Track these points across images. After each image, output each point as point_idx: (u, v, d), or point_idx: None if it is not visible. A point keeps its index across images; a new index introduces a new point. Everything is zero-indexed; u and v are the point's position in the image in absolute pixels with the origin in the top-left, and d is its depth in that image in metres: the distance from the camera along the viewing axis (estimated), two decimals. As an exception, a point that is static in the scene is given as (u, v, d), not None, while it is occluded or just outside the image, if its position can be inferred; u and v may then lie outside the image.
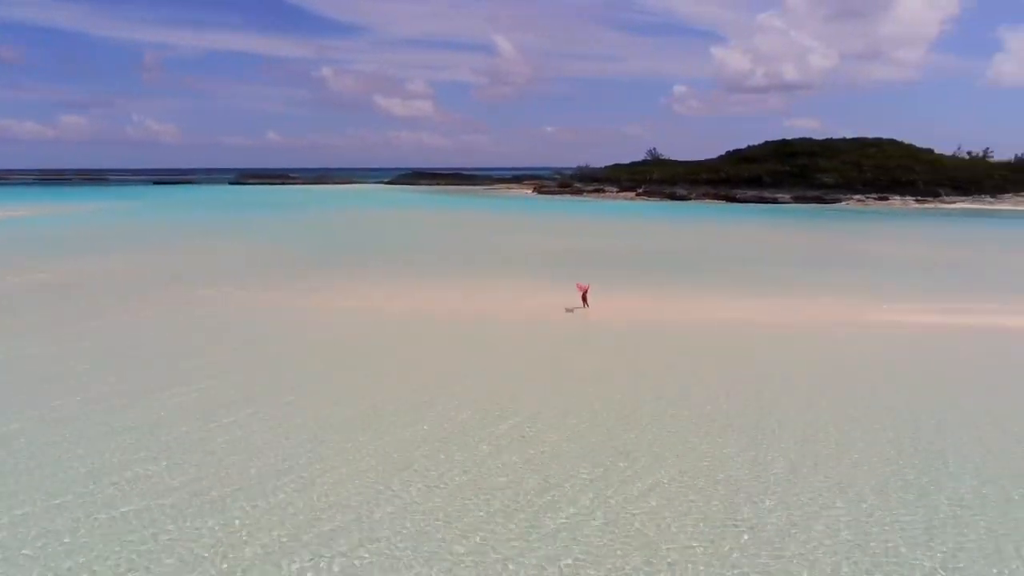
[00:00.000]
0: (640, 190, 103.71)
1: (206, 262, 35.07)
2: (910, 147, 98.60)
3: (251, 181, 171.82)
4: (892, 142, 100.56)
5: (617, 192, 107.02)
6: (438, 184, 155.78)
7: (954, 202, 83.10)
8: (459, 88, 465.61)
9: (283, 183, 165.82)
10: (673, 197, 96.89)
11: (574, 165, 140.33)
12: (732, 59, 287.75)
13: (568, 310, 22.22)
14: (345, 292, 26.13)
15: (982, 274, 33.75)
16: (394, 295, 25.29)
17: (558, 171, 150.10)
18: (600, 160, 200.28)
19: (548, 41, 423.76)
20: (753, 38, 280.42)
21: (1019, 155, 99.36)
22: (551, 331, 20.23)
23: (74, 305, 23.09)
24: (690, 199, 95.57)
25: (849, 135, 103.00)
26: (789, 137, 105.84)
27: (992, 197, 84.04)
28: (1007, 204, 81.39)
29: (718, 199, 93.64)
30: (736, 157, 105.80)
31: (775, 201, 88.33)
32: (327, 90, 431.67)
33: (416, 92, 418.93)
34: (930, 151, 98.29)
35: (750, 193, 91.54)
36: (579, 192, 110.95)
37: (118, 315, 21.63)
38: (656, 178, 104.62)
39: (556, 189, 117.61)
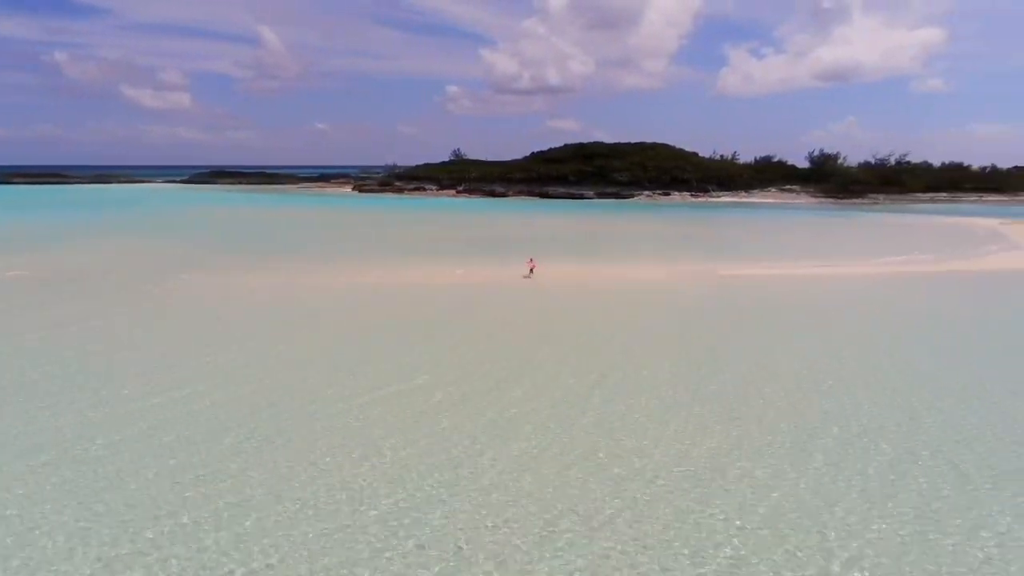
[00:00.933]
0: (460, 188, 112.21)
1: (154, 257, 36.99)
2: (681, 151, 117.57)
3: (17, 180, 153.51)
4: (665, 146, 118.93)
5: (438, 190, 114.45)
6: (241, 183, 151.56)
7: (720, 196, 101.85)
8: (220, 81, 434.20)
9: (60, 182, 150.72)
10: (493, 194, 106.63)
11: (354, 164, 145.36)
12: (500, 62, 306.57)
13: (524, 277, 29.56)
14: (348, 271, 31.24)
15: (773, 243, 46.38)
16: (386, 272, 31.04)
17: (342, 170, 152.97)
18: (375, 159, 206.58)
19: (317, 35, 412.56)
20: (519, 43, 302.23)
21: (758, 158, 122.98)
22: (520, 289, 27.52)
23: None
24: (508, 196, 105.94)
25: (605, 136, 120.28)
26: (548, 135, 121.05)
27: (746, 192, 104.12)
28: (756, 197, 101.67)
29: (533, 195, 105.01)
30: (541, 158, 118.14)
31: (582, 197, 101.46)
32: (62, 77, 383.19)
33: (170, 83, 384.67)
34: (695, 154, 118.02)
35: (560, 190, 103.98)
36: (400, 191, 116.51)
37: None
38: (475, 176, 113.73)
39: (377, 188, 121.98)
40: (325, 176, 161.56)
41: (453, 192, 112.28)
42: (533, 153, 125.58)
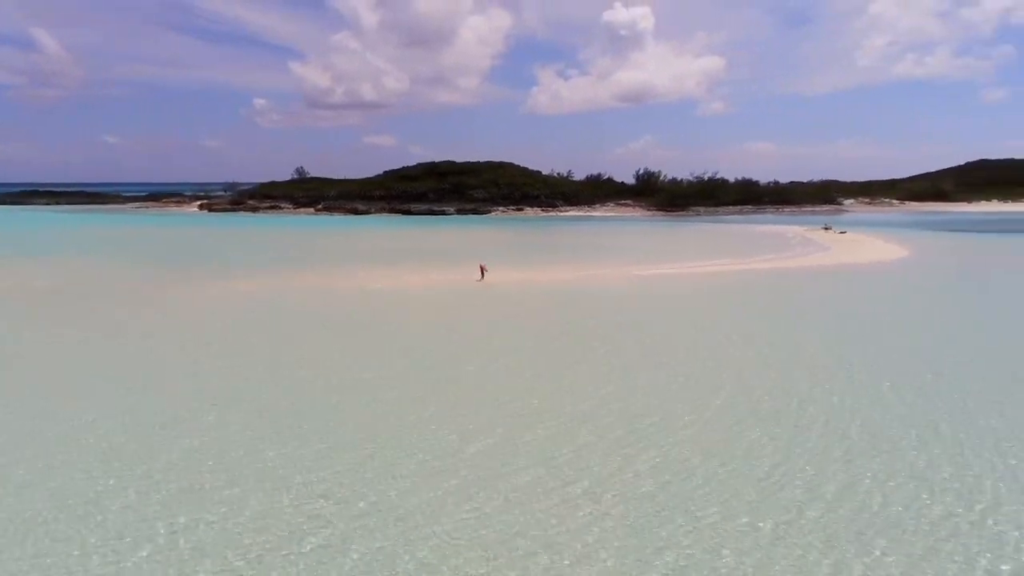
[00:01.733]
0: (320, 206, 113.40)
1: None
2: (526, 169, 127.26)
3: None
4: (512, 165, 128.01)
5: (295, 208, 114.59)
6: (62, 203, 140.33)
7: (567, 210, 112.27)
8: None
9: None
10: (356, 212, 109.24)
11: (152, 181, 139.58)
12: (311, 75, 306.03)
13: (477, 280, 35.10)
14: (336, 277, 34.75)
15: (653, 248, 55.11)
16: (364, 279, 35.03)
17: (141, 188, 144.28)
18: (175, 176, 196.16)
19: (102, 40, 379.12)
20: (330, 56, 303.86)
21: (591, 175, 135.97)
22: (474, 289, 33.12)
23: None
24: (371, 213, 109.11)
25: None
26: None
27: (588, 206, 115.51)
28: (599, 211, 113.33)
29: (395, 212, 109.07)
30: (396, 176, 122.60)
31: (443, 213, 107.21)
32: None
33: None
34: (539, 172, 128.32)
35: (422, 207, 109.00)
36: (255, 209, 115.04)
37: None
38: (334, 195, 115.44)
39: (228, 206, 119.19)
40: (155, 195, 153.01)
41: (312, 211, 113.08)
42: (386, 172, 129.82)
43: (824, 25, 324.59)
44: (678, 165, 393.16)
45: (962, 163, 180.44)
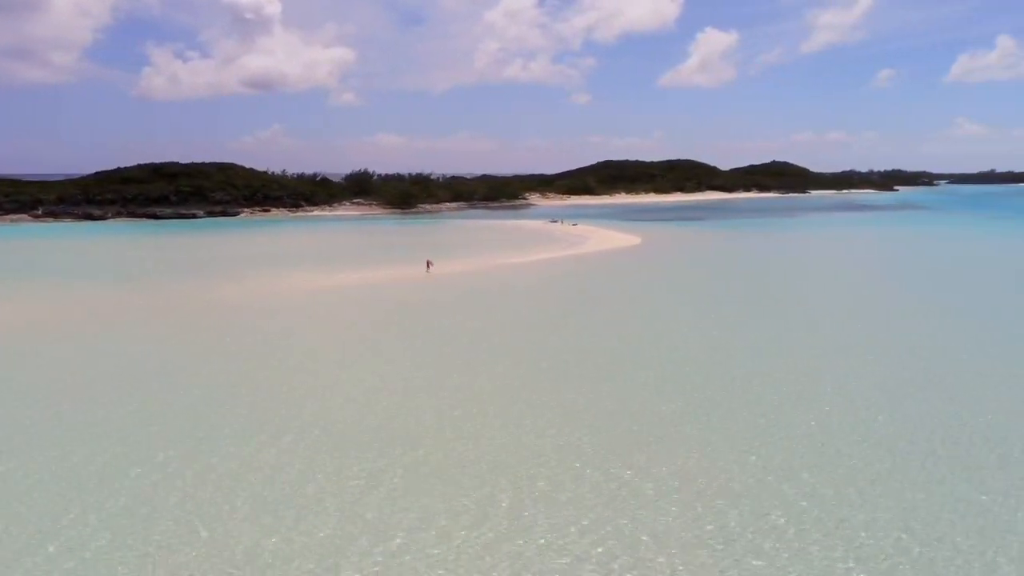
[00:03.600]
0: (39, 212, 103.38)
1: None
2: (254, 170, 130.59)
3: None
4: (237, 166, 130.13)
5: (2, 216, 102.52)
6: None
7: (312, 211, 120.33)
8: None
9: None
10: (91, 217, 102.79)
11: None
12: None
13: (426, 273, 47.74)
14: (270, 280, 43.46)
15: (467, 244, 70.39)
16: (312, 279, 44.63)
17: None
18: None
19: None
20: None
21: (301, 174, 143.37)
22: (425, 282, 46.24)
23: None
24: (108, 218, 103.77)
25: None
26: None
27: (329, 206, 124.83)
28: (344, 210, 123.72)
29: (137, 217, 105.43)
30: (117, 178, 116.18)
31: (193, 216, 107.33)
32: None
33: None
34: (267, 171, 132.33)
35: (168, 211, 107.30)
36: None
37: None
38: (54, 199, 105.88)
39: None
40: None
41: (27, 216, 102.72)
42: (98, 173, 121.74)
43: (440, 27, 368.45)
44: (309, 155, 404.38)
45: (593, 163, 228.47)
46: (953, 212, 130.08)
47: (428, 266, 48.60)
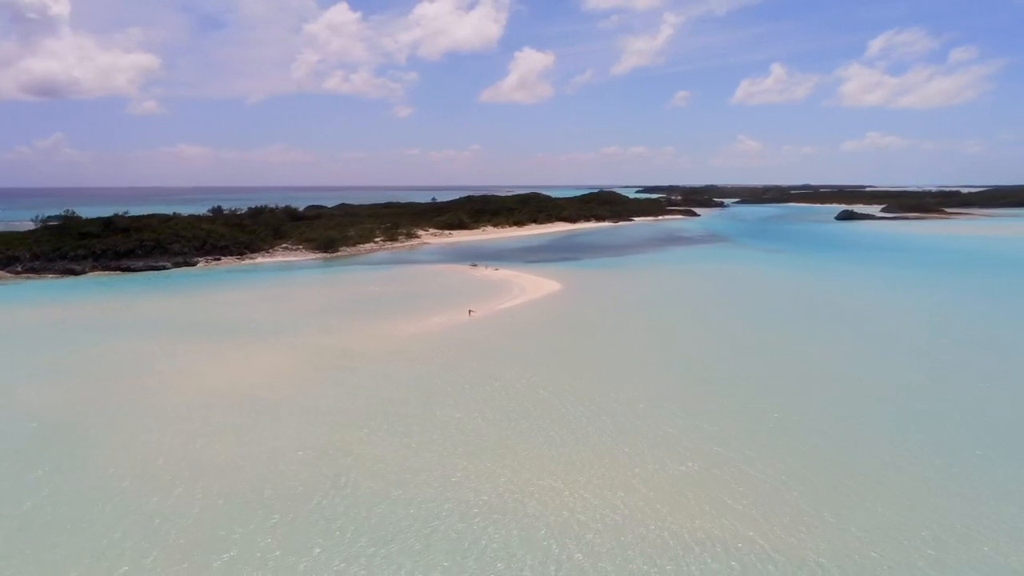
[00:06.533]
0: (19, 268, 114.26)
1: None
2: (179, 215, 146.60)
3: None
4: (162, 215, 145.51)
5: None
6: None
7: (256, 257, 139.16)
8: None
9: None
10: (72, 272, 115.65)
11: None
12: None
13: (470, 313, 75.61)
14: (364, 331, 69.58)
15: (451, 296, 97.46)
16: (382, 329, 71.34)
17: None
18: None
19: None
20: None
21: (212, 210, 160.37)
22: (476, 323, 74.65)
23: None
24: (86, 272, 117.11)
25: None
26: None
27: (268, 252, 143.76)
28: (279, 256, 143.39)
29: (112, 270, 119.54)
30: (74, 234, 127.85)
31: (164, 268, 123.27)
32: None
33: None
34: (178, 214, 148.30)
35: (139, 263, 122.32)
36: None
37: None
38: (29, 256, 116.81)
39: None
40: None
41: (7, 273, 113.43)
42: (46, 224, 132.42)
43: (244, 32, 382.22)
44: (96, 167, 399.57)
45: (459, 198, 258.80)
46: (744, 245, 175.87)
47: (469, 312, 76.33)
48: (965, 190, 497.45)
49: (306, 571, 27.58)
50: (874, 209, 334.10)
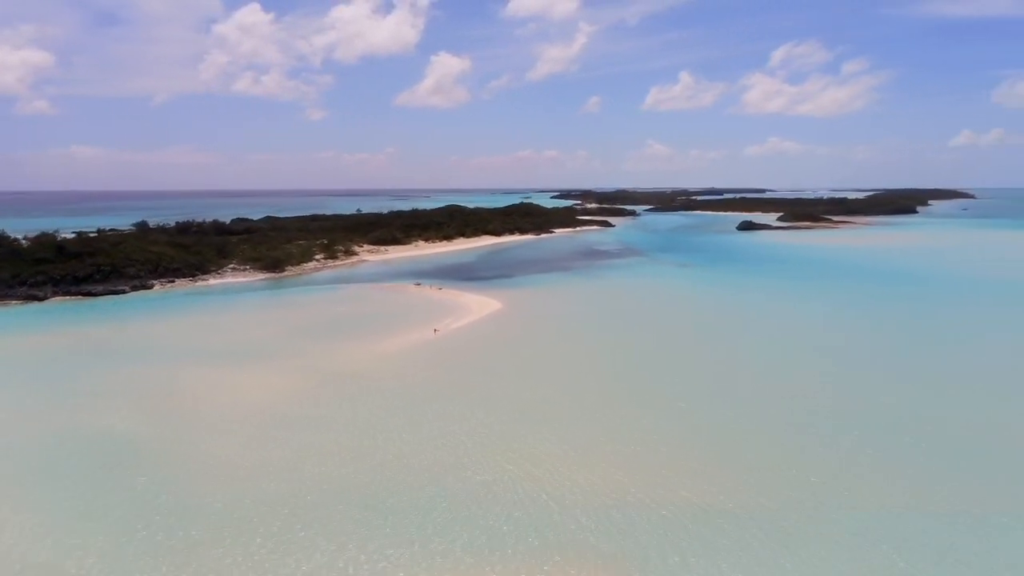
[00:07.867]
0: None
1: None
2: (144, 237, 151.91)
3: None
4: (118, 233, 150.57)
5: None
6: None
7: (208, 279, 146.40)
8: None
9: None
10: (35, 298, 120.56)
11: None
12: None
13: (435, 331, 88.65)
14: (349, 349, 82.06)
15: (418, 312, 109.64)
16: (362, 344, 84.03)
17: None
18: None
19: None
20: None
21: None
22: (445, 338, 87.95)
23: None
24: (49, 298, 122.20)
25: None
26: None
27: (218, 272, 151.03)
28: (231, 277, 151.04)
29: (74, 295, 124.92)
30: (27, 260, 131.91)
31: (123, 292, 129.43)
32: None
33: None
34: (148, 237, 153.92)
35: (100, 288, 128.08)
36: None
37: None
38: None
39: None
40: None
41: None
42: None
43: (143, 30, 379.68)
44: None
45: (385, 212, 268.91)
46: (657, 259, 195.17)
47: (435, 330, 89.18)
48: (853, 195, 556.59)
49: (392, 526, 40.49)
50: (771, 218, 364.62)
